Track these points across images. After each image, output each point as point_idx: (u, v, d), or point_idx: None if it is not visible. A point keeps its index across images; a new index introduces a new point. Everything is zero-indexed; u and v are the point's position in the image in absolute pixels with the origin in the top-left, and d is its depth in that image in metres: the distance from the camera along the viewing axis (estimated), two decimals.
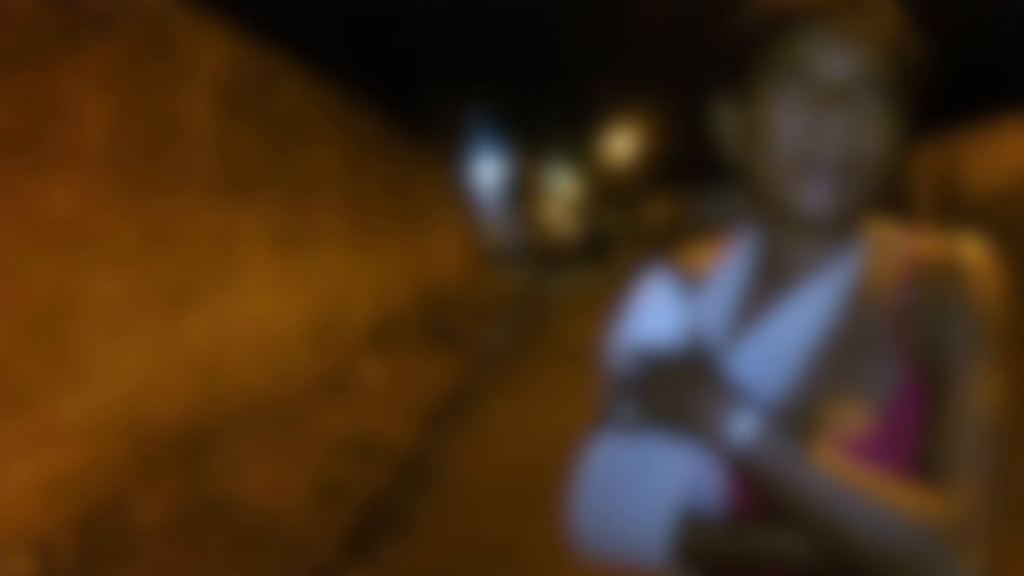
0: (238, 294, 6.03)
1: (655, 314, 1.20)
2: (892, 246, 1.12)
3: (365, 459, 5.94)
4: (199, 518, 4.55)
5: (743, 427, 1.01)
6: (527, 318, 15.16)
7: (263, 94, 6.82)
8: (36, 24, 3.91)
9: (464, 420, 7.73)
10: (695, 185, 31.30)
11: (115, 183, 4.50)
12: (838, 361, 1.08)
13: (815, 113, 1.04)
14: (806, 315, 1.11)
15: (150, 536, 4.22)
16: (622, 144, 35.61)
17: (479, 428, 7.50)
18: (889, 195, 1.09)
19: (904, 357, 1.03)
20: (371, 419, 6.94)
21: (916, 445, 1.00)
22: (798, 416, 1.07)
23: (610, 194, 43.80)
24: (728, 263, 1.24)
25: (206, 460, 5.06)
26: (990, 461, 0.95)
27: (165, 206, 5.03)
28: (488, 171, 27.71)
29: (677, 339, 1.16)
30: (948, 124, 14.07)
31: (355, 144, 10.03)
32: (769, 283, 1.18)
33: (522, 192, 31.99)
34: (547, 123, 28.56)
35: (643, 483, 1.13)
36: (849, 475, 0.95)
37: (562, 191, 42.07)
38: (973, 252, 1.05)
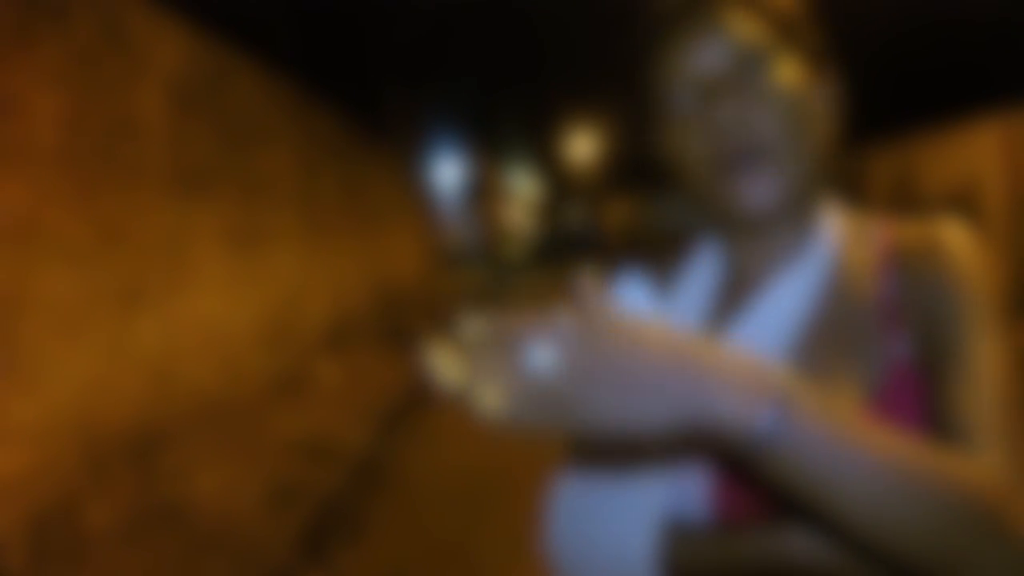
0: (192, 294, 5.97)
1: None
2: (865, 234, 1.09)
3: (319, 461, 5.91)
4: (152, 521, 4.50)
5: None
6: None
7: (218, 91, 6.76)
8: None
9: (419, 422, 7.72)
10: (656, 187, 31.48)
11: (67, 180, 4.43)
12: (822, 355, 1.03)
13: (706, 111, 1.02)
14: (781, 312, 1.07)
15: (102, 539, 4.16)
16: (582, 146, 35.75)
17: (434, 430, 7.49)
18: (845, 194, 1.07)
19: (892, 345, 1.00)
20: (326, 421, 6.90)
21: (916, 427, 0.95)
22: None
23: (570, 195, 43.96)
24: (693, 270, 1.20)
25: (159, 462, 5.00)
26: (1010, 425, 0.91)
27: (118, 204, 4.96)
28: (447, 171, 27.70)
29: None
30: (904, 126, 14.26)
31: (311, 143, 9.97)
32: (737, 286, 1.14)
33: (480, 192, 32.01)
34: (507, 124, 28.62)
35: (622, 500, 1.08)
36: (879, 444, 0.78)
37: (521, 192, 42.14)
38: (955, 234, 1.03)
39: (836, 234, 1.09)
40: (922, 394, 0.97)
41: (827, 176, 1.07)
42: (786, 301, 1.07)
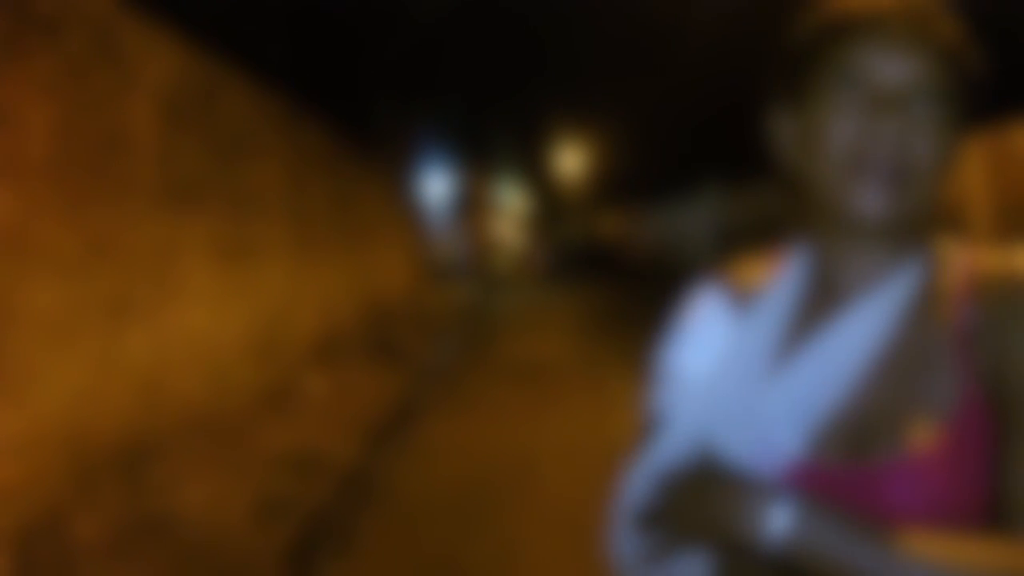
0: (180, 307, 5.96)
1: (703, 334, 1.22)
2: (952, 261, 1.11)
3: (307, 474, 5.90)
4: (139, 533, 4.49)
5: (780, 520, 0.98)
6: (472, 333, 15.16)
7: (209, 105, 6.77)
8: None
9: (407, 435, 7.71)
10: (645, 201, 31.53)
11: (57, 192, 4.43)
12: (899, 376, 1.06)
13: (869, 119, 1.05)
14: (864, 329, 1.10)
15: (89, 551, 4.15)
16: (572, 159, 35.80)
17: (421, 443, 7.49)
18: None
19: (967, 374, 1.02)
20: (314, 434, 6.89)
21: (982, 461, 0.99)
22: (859, 430, 1.06)
23: (560, 210, 44.00)
24: (782, 277, 1.22)
25: (146, 475, 4.99)
26: None
27: (107, 217, 4.97)
28: (436, 185, 27.72)
29: (724, 364, 1.17)
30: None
31: (300, 157, 9.98)
32: (826, 297, 1.16)
33: (469, 206, 32.03)
34: (496, 138, 28.65)
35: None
36: (906, 546, 0.92)
37: (510, 206, 42.17)
38: None
39: (930, 259, 1.12)
40: (990, 428, 0.99)
41: (934, 204, 1.10)
42: (870, 320, 1.10)
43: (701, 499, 1.05)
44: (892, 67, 1.05)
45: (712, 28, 14.34)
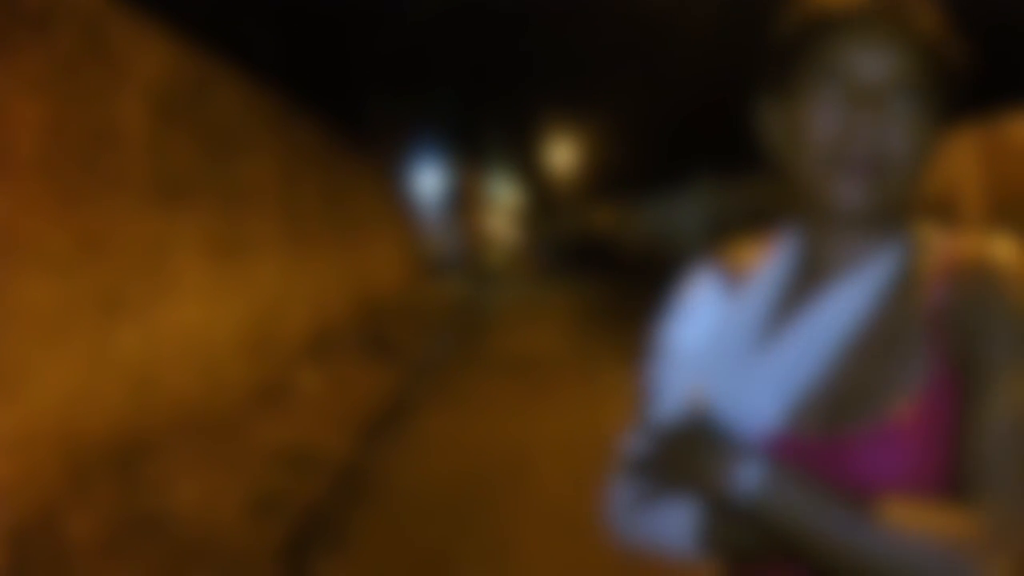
0: (172, 303, 5.95)
1: (696, 316, 1.31)
2: (932, 246, 1.16)
3: (301, 470, 5.90)
4: (132, 531, 4.48)
5: (748, 477, 1.06)
6: (466, 328, 15.17)
7: (200, 100, 6.75)
8: None
9: (401, 430, 7.71)
10: (637, 195, 31.52)
11: (47, 189, 4.41)
12: (874, 353, 1.12)
13: (848, 113, 1.10)
14: (844, 308, 1.16)
15: (83, 549, 4.14)
16: (564, 154, 35.80)
17: (416, 438, 7.49)
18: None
19: (938, 352, 1.07)
20: (307, 430, 6.89)
21: (942, 437, 1.04)
22: (836, 403, 1.12)
23: (552, 204, 43.98)
24: (771, 260, 1.29)
25: (140, 472, 4.98)
26: (1021, 466, 0.99)
27: (98, 213, 4.95)
28: (428, 180, 27.71)
29: (715, 341, 1.26)
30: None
31: (292, 152, 9.96)
32: (810, 279, 1.23)
33: (462, 201, 32.02)
34: (488, 133, 28.64)
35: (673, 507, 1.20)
36: (862, 509, 1.00)
37: (503, 201, 42.17)
38: (1005, 254, 1.09)
39: (910, 244, 1.18)
40: (958, 404, 1.05)
41: (915, 193, 1.15)
42: (849, 301, 1.16)
43: (686, 451, 1.13)
44: (870, 62, 1.10)
45: (703, 22, 14.35)
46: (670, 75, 16.98)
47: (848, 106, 1.10)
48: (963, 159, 11.57)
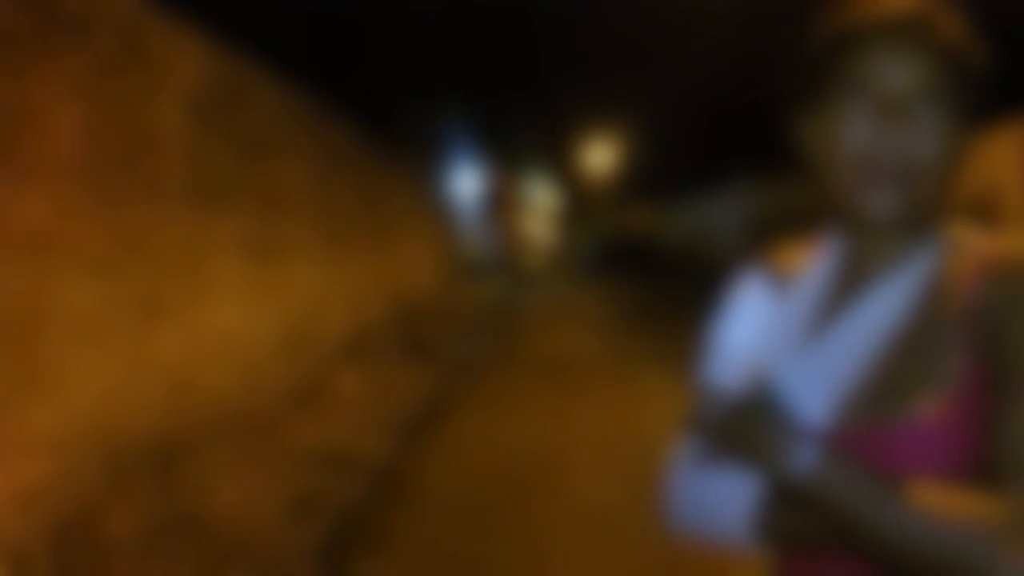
0: (211, 305, 6.00)
1: (746, 316, 1.37)
2: (966, 247, 1.19)
3: (339, 471, 5.92)
4: (172, 530, 4.52)
5: (803, 458, 1.11)
6: (502, 330, 15.16)
7: (236, 104, 6.80)
8: (10, 31, 3.88)
9: (438, 432, 7.72)
10: (674, 196, 31.38)
11: (88, 192, 4.46)
12: (911, 350, 1.16)
13: (877, 124, 1.14)
14: (883, 309, 1.21)
15: (123, 548, 4.18)
16: (599, 155, 35.69)
17: (453, 440, 7.49)
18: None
19: (972, 352, 1.10)
20: (345, 430, 6.91)
21: (977, 430, 1.08)
22: (875, 398, 1.17)
23: (588, 205, 43.88)
24: (816, 263, 1.35)
25: (179, 472, 5.02)
26: None
27: (138, 216, 5.00)
28: (464, 182, 27.74)
29: (765, 340, 1.32)
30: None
31: (329, 155, 10.01)
32: (851, 281, 1.27)
33: (498, 202, 32.03)
34: (523, 134, 28.61)
35: (729, 473, 1.25)
36: (905, 495, 1.04)
37: (539, 202, 42.13)
38: None
39: (945, 245, 1.21)
40: (990, 399, 1.08)
41: (947, 195, 1.19)
42: (886, 301, 1.21)
43: (747, 422, 1.17)
44: (897, 74, 1.14)
45: (739, 20, 14.25)
46: (706, 74, 16.88)
47: (877, 117, 1.14)
48: (1003, 159, 11.44)
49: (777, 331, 1.32)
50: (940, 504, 1.02)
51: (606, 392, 9.23)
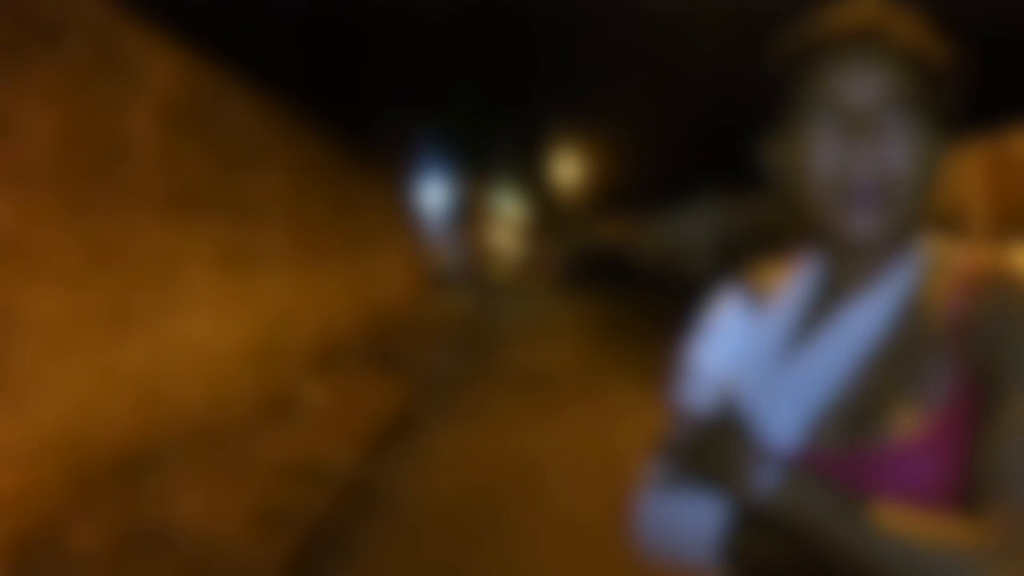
0: (180, 316, 5.94)
1: (722, 337, 1.32)
2: (947, 260, 1.15)
3: (307, 484, 5.87)
4: (137, 543, 4.46)
5: (767, 479, 1.07)
6: (473, 342, 15.14)
7: (210, 112, 6.76)
8: None
9: (408, 445, 7.68)
10: (645, 210, 31.53)
11: (59, 200, 4.42)
12: (891, 368, 1.11)
13: (847, 142, 1.10)
14: (861, 326, 1.16)
15: (87, 562, 4.12)
16: (571, 168, 35.80)
17: (423, 453, 7.46)
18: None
19: (958, 367, 1.06)
20: (314, 444, 6.86)
21: (962, 451, 1.03)
22: (855, 418, 1.12)
23: (558, 218, 43.99)
24: (794, 282, 1.30)
25: (145, 484, 4.96)
26: None
27: (109, 225, 4.95)
28: (436, 194, 27.74)
29: (741, 361, 1.27)
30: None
31: (302, 164, 9.97)
32: (830, 300, 1.23)
33: (469, 215, 32.07)
34: (496, 146, 28.64)
35: (697, 497, 1.21)
36: (875, 517, 0.99)
37: (510, 214, 42.21)
38: None
39: (923, 260, 1.17)
40: (976, 418, 1.03)
41: (926, 208, 1.14)
42: (865, 319, 1.16)
43: (714, 443, 1.13)
44: (859, 86, 1.09)
45: (713, 38, 14.35)
46: (679, 90, 16.99)
47: (846, 135, 1.10)
48: (969, 174, 11.62)
49: (753, 352, 1.27)
50: (913, 526, 0.97)
51: (578, 404, 9.22)
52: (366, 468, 6.67)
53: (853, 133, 1.09)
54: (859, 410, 1.12)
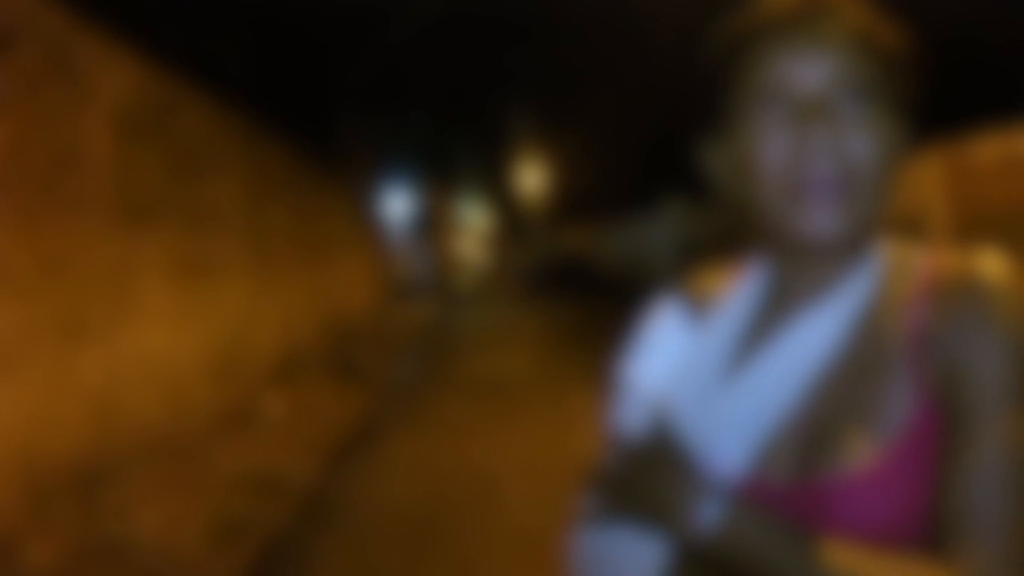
0: (136, 326, 5.88)
1: (660, 346, 1.19)
2: (908, 266, 1.04)
3: (266, 496, 5.83)
4: (93, 558, 4.40)
5: (707, 513, 0.97)
6: (434, 352, 15.11)
7: (165, 121, 6.70)
8: None
9: (368, 456, 7.65)
10: (608, 217, 31.64)
11: (9, 210, 4.35)
12: (846, 388, 1.01)
13: (798, 132, 0.99)
14: (812, 340, 1.04)
15: None
16: (534, 177, 35.90)
17: (382, 463, 7.43)
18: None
19: (919, 384, 0.96)
20: (273, 455, 6.81)
21: (925, 480, 0.94)
22: (807, 443, 1.01)
23: (522, 226, 44.07)
24: (739, 289, 1.18)
25: (101, 498, 4.90)
26: (1009, 511, 0.89)
27: (61, 235, 4.88)
28: (398, 203, 27.70)
29: (679, 376, 1.14)
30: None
31: (261, 173, 9.91)
32: (778, 308, 1.11)
33: (432, 224, 32.05)
34: (459, 155, 28.71)
35: (631, 532, 1.09)
36: (825, 553, 0.91)
37: (473, 223, 42.23)
38: (992, 270, 0.97)
39: (881, 266, 1.06)
40: (939, 442, 0.94)
41: (884, 211, 1.03)
42: (818, 331, 1.05)
43: (644, 473, 1.03)
44: (808, 70, 0.99)
45: (673, 48, 14.46)
46: (640, 99, 17.10)
47: (797, 124, 0.98)
48: (929, 180, 11.74)
49: (692, 368, 1.14)
50: (869, 565, 0.89)
51: (537, 413, 9.22)
52: (324, 479, 6.63)
53: (806, 121, 0.98)
54: (810, 435, 1.01)
